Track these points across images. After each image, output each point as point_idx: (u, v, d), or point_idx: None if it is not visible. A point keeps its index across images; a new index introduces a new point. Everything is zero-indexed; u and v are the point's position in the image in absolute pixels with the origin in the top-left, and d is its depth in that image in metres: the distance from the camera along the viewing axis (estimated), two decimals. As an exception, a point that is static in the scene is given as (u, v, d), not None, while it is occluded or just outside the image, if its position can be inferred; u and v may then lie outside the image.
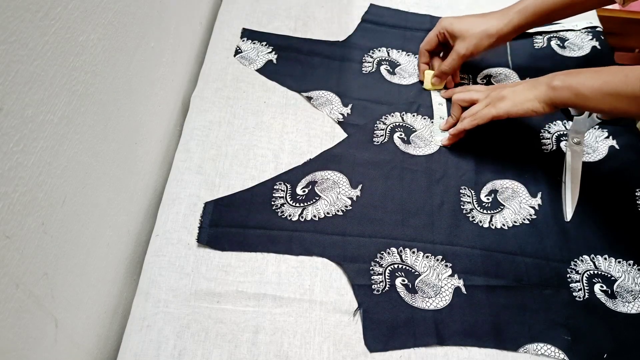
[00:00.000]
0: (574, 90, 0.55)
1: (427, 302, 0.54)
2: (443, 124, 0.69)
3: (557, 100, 0.57)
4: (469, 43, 0.67)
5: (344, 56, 0.76)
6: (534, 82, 0.60)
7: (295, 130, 0.67)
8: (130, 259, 0.57)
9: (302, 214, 0.59)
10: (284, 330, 0.52)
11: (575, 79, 0.56)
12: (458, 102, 0.67)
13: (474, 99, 0.65)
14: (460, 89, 0.70)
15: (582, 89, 0.55)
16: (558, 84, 0.57)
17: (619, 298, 0.56)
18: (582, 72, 0.56)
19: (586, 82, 0.54)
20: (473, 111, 0.64)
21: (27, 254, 0.36)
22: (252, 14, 0.79)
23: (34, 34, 0.34)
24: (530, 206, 0.62)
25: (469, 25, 0.67)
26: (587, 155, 0.67)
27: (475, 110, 0.64)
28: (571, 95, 0.56)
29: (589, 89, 0.54)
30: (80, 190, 0.43)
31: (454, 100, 0.68)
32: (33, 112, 0.35)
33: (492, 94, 0.63)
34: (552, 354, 0.52)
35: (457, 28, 0.68)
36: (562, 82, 0.57)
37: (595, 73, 0.55)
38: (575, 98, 0.56)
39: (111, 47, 0.46)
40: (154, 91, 0.59)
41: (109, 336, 0.53)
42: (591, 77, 0.54)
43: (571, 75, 0.57)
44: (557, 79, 0.57)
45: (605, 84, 0.53)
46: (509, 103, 0.60)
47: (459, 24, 0.68)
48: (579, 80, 0.55)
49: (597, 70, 0.55)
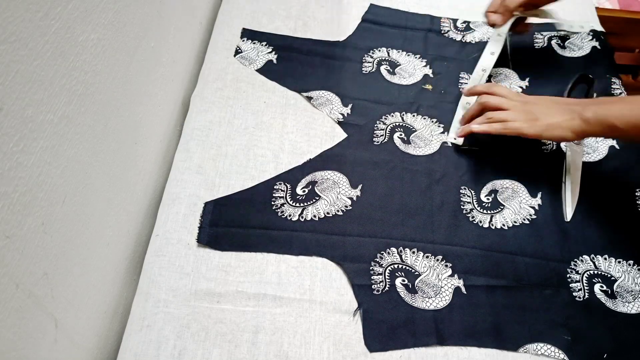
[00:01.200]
0: (607, 124, 0.54)
1: (427, 302, 0.54)
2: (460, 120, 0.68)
3: (590, 133, 0.57)
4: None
5: (344, 56, 0.76)
6: (566, 108, 0.58)
7: (295, 130, 0.67)
8: (130, 259, 0.57)
9: (302, 214, 0.59)
10: (284, 330, 0.52)
11: (608, 112, 0.54)
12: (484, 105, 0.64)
13: (503, 107, 0.62)
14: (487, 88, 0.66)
15: (615, 122, 0.53)
16: (590, 117, 0.55)
17: (619, 298, 0.56)
18: (615, 103, 0.55)
19: (619, 115, 0.53)
20: (501, 117, 0.62)
21: (27, 254, 0.36)
22: (252, 14, 0.79)
23: (34, 34, 0.34)
24: (530, 206, 0.62)
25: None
26: (587, 155, 0.67)
27: (504, 117, 0.61)
28: (604, 129, 0.55)
29: (622, 122, 0.53)
30: (80, 190, 0.43)
31: (480, 102, 0.65)
32: (33, 112, 0.35)
33: (526, 108, 0.61)
34: (552, 354, 0.52)
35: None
36: (594, 114, 0.55)
37: (629, 104, 0.54)
38: (609, 131, 0.55)
39: (111, 47, 0.46)
40: (154, 91, 0.59)
41: (109, 336, 0.53)
42: (624, 109, 0.53)
43: (603, 107, 0.55)
44: (589, 111, 0.56)
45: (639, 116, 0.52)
46: (541, 126, 0.59)
47: None
48: (613, 113, 0.54)
49: (630, 101, 0.54)
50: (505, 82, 0.75)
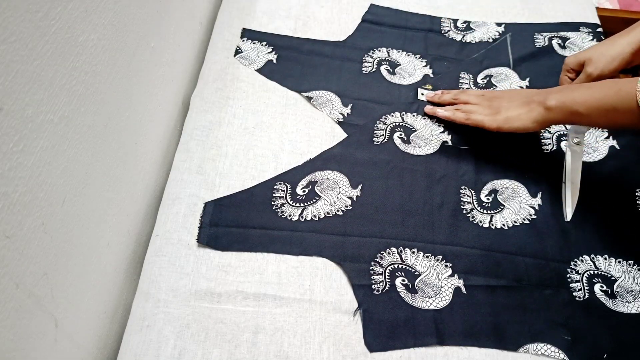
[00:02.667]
0: (569, 109, 0.55)
1: (427, 302, 0.54)
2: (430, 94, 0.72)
3: (551, 120, 0.58)
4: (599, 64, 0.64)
5: (344, 56, 0.76)
6: (528, 99, 0.60)
7: (295, 130, 0.67)
8: (130, 259, 0.57)
9: (302, 214, 0.59)
10: (284, 330, 0.52)
11: (570, 97, 0.55)
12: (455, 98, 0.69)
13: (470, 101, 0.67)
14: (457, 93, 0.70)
15: (577, 107, 0.54)
16: (553, 104, 0.56)
17: (619, 298, 0.56)
18: (576, 89, 0.56)
19: (580, 100, 0.54)
20: (467, 109, 0.66)
21: (27, 254, 0.36)
22: (252, 14, 0.79)
23: (34, 34, 0.34)
24: (531, 206, 0.62)
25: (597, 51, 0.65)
26: (587, 155, 0.67)
27: (469, 109, 0.65)
28: (567, 115, 0.56)
29: (583, 106, 0.54)
30: (80, 190, 0.43)
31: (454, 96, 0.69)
32: (33, 112, 0.35)
33: (490, 103, 0.64)
34: (552, 354, 0.52)
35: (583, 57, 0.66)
36: (556, 101, 0.56)
37: (589, 89, 0.54)
38: (571, 116, 0.56)
39: (111, 47, 0.46)
40: (154, 91, 0.59)
41: (109, 336, 0.53)
42: (585, 94, 0.54)
43: (565, 93, 0.56)
44: (552, 98, 0.57)
45: (600, 101, 0.52)
46: (501, 119, 0.61)
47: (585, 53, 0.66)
48: (574, 99, 0.55)
49: (591, 85, 0.55)
50: (505, 82, 0.75)
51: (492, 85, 0.75)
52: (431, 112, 0.69)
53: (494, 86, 0.74)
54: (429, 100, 0.71)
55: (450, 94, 0.70)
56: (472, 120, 0.64)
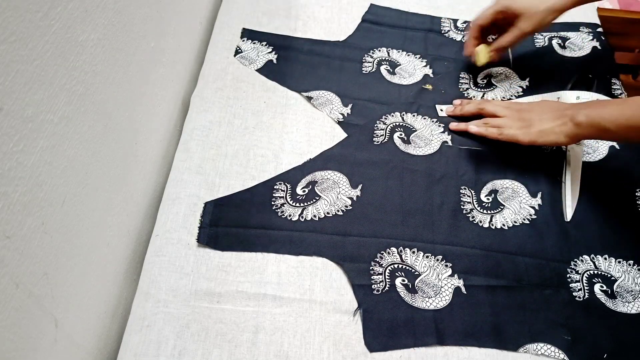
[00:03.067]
0: (598, 127, 0.55)
1: (427, 302, 0.54)
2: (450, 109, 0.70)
3: (582, 136, 0.58)
4: (533, 20, 0.65)
5: (344, 56, 0.76)
6: (559, 113, 0.60)
7: (295, 130, 0.67)
8: (130, 259, 0.57)
9: (302, 213, 0.59)
10: (284, 330, 0.52)
11: (599, 114, 0.55)
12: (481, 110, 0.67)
13: (498, 114, 0.65)
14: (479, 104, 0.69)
15: (605, 123, 0.55)
16: (582, 120, 0.57)
17: (619, 298, 0.56)
18: (606, 106, 0.56)
19: (610, 117, 0.54)
20: (498, 123, 0.64)
21: (27, 254, 0.36)
22: (252, 14, 0.79)
23: (34, 34, 0.34)
24: (531, 206, 0.62)
25: (532, 3, 0.65)
26: (587, 155, 0.67)
27: (500, 124, 0.64)
28: (595, 131, 0.56)
29: (613, 124, 0.54)
30: (80, 190, 0.43)
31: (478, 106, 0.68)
32: (33, 112, 0.35)
33: (520, 116, 0.63)
34: (552, 354, 0.52)
35: (519, 6, 0.66)
36: (586, 117, 0.56)
37: (619, 106, 0.55)
38: (600, 133, 0.56)
39: (111, 47, 0.46)
40: (154, 91, 0.59)
41: (109, 336, 0.53)
42: (615, 112, 0.54)
43: (595, 110, 0.56)
44: (581, 115, 0.57)
45: (630, 119, 0.53)
46: (535, 133, 0.61)
47: (520, 2, 0.66)
48: (603, 116, 0.55)
49: (621, 102, 0.55)
50: (505, 82, 0.75)
51: (492, 85, 0.75)
52: (459, 129, 0.68)
53: (494, 86, 0.74)
54: (450, 115, 0.70)
55: (472, 104, 0.69)
56: (505, 135, 0.63)
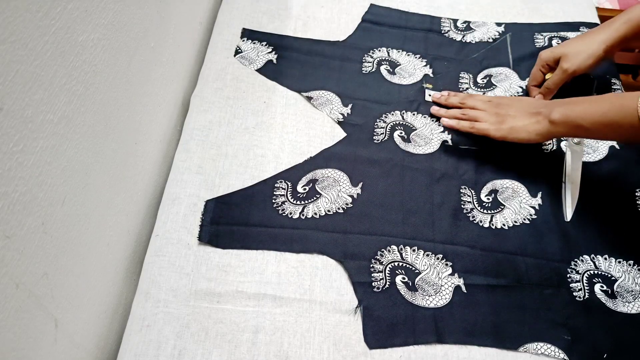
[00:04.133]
0: (573, 124, 0.56)
1: (427, 300, 0.54)
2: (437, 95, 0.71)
3: (556, 133, 0.58)
4: (574, 60, 0.65)
5: (344, 56, 0.76)
6: (535, 110, 0.60)
7: (295, 130, 0.67)
8: (130, 259, 0.57)
9: (303, 211, 0.59)
10: (284, 330, 0.52)
11: (573, 112, 0.56)
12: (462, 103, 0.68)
13: (477, 107, 0.66)
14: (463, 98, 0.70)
15: (580, 121, 0.55)
16: (556, 118, 0.57)
17: (619, 298, 0.56)
18: (580, 103, 0.56)
19: (585, 115, 0.54)
20: (473, 116, 0.66)
21: (27, 254, 0.36)
22: (252, 14, 0.79)
23: (34, 34, 0.34)
24: (531, 206, 0.62)
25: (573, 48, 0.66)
26: (587, 155, 0.67)
27: (475, 116, 0.65)
28: (570, 129, 0.56)
29: (587, 121, 0.54)
30: (80, 190, 0.43)
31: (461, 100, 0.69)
32: (33, 112, 0.35)
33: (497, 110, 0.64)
34: (552, 354, 0.52)
35: (559, 52, 0.67)
36: (560, 115, 0.56)
37: (594, 103, 0.55)
38: (575, 130, 0.56)
39: (111, 47, 0.46)
40: (154, 91, 0.59)
41: (109, 336, 0.53)
42: (589, 108, 0.54)
43: (569, 107, 0.56)
44: (556, 112, 0.57)
45: (604, 116, 0.53)
46: (506, 129, 0.62)
47: (560, 49, 0.67)
48: (577, 113, 0.55)
49: (595, 100, 0.55)
50: (505, 82, 0.75)
51: (492, 85, 0.75)
52: (436, 114, 0.69)
53: (494, 86, 0.74)
54: (434, 101, 0.71)
55: (457, 97, 0.70)
56: (477, 129, 0.64)
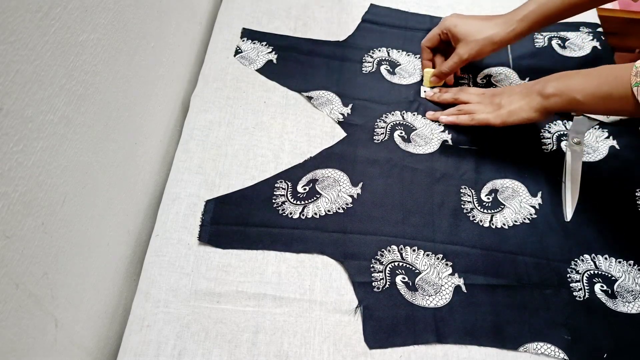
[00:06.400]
0: (566, 97, 0.56)
1: (428, 300, 0.54)
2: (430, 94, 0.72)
3: (551, 108, 0.58)
4: (471, 48, 0.67)
5: (344, 56, 0.76)
6: (528, 90, 0.61)
7: (295, 130, 0.67)
8: (130, 259, 0.57)
9: (303, 211, 0.59)
10: (284, 330, 0.52)
11: (567, 85, 0.56)
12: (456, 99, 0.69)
13: (472, 100, 0.67)
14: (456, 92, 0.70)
15: (574, 94, 0.55)
16: (550, 92, 0.57)
17: (619, 298, 0.56)
18: (573, 76, 0.56)
19: (578, 87, 0.55)
20: (470, 109, 0.66)
21: (27, 254, 0.36)
22: (252, 14, 0.79)
23: (34, 34, 0.34)
24: (531, 206, 0.62)
25: (473, 29, 0.67)
26: (587, 155, 0.67)
27: (472, 109, 0.66)
28: (564, 102, 0.56)
29: (581, 93, 0.54)
30: (80, 190, 0.43)
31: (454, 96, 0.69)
32: (33, 112, 0.35)
33: (492, 100, 0.65)
34: (552, 353, 0.52)
35: (460, 30, 0.67)
36: (554, 89, 0.57)
37: (587, 76, 0.55)
38: (569, 104, 0.56)
39: (111, 47, 0.46)
40: (154, 91, 0.59)
41: (109, 336, 0.53)
42: (583, 81, 0.55)
43: (563, 81, 0.57)
44: (549, 86, 0.57)
45: (597, 88, 0.53)
46: (505, 113, 0.62)
47: (463, 26, 0.67)
48: (571, 86, 0.55)
49: (588, 72, 0.55)
50: (505, 82, 0.75)
51: (492, 85, 0.75)
52: (434, 118, 0.69)
53: (494, 86, 0.74)
54: (428, 99, 0.71)
55: (450, 92, 0.70)
56: (477, 119, 0.64)
